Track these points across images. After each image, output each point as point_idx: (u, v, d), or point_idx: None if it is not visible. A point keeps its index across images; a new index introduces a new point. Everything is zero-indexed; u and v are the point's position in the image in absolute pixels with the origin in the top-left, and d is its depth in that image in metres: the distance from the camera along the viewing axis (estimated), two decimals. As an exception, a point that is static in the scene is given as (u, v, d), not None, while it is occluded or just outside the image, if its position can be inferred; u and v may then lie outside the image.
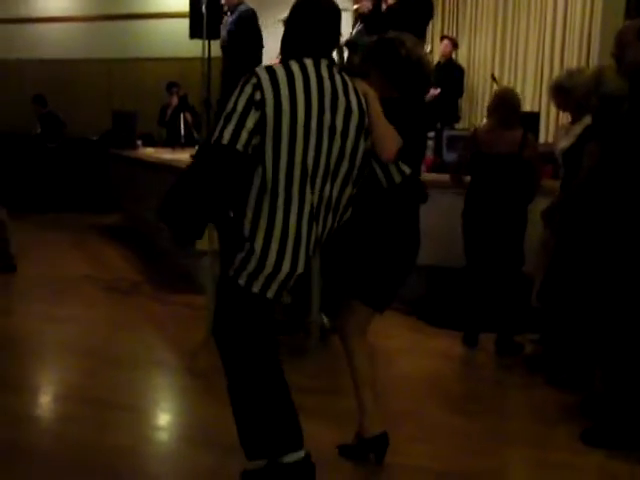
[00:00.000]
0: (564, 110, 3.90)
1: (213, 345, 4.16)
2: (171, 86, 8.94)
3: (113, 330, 4.38)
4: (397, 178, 2.42)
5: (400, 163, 2.40)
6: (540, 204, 3.82)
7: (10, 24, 10.72)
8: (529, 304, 3.92)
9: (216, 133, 2.11)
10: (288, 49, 2.25)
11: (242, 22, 6.29)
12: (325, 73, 2.19)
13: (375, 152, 2.33)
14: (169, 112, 8.89)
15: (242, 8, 6.35)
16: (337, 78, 2.21)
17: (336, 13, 2.27)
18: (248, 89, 2.10)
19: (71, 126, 10.00)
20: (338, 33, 2.33)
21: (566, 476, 2.69)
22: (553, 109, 7.74)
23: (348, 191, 2.28)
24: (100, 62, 10.38)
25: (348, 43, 5.95)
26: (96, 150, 9.23)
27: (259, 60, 6.43)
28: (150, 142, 8.76)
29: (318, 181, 2.17)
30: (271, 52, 7.06)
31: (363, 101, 2.25)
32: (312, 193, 2.17)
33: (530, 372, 3.68)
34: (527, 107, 7.83)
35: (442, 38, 7.87)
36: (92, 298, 5.09)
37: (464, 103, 8.11)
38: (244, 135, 2.08)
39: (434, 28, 8.53)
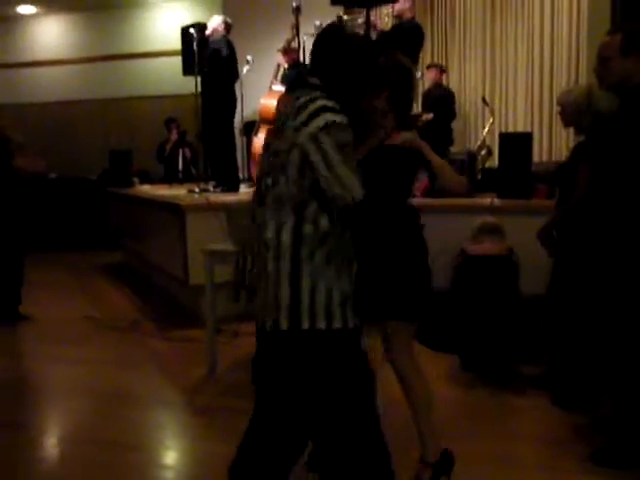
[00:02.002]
0: (566, 126, 3.86)
1: (215, 381, 4.18)
2: (170, 122, 8.97)
3: (116, 369, 4.36)
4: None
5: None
6: (537, 224, 3.83)
7: (9, 69, 10.89)
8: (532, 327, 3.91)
9: None
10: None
11: (218, 53, 6.39)
12: (303, 99, 2.01)
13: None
14: (168, 148, 8.92)
15: (218, 38, 6.46)
16: (303, 103, 1.99)
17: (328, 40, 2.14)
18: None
19: (70, 166, 10.10)
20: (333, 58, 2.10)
21: (577, 498, 2.66)
22: (545, 129, 7.81)
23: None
24: (96, 102, 10.51)
25: None
26: (95, 189, 9.29)
27: (232, 91, 6.52)
28: (147, 179, 8.81)
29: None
30: (264, 80, 7.22)
31: (305, 136, 1.96)
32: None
33: (534, 391, 3.66)
34: (519, 128, 7.89)
35: (429, 67, 7.95)
36: (93, 338, 5.08)
37: (457, 127, 8.16)
38: None
39: (424, 54, 8.63)
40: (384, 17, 6.46)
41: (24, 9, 10.52)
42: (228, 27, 6.58)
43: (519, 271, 3.97)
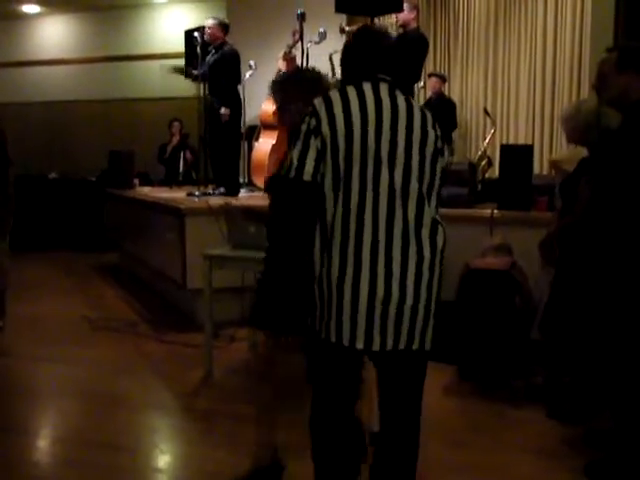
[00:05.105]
0: (569, 142, 3.87)
1: (211, 385, 4.17)
2: (173, 121, 8.90)
3: (111, 371, 4.35)
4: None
5: None
6: (537, 236, 3.84)
7: (12, 68, 10.91)
8: (528, 337, 3.92)
9: (286, 167, 2.10)
10: (346, 77, 2.28)
11: (225, 61, 6.38)
12: (384, 93, 2.13)
13: None
14: (169, 149, 8.90)
15: (226, 48, 6.45)
16: (399, 99, 2.14)
17: (384, 40, 2.27)
18: (306, 120, 2.11)
19: (71, 166, 10.10)
20: (390, 58, 2.24)
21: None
22: (546, 141, 7.82)
23: (427, 212, 2.12)
24: (98, 103, 10.52)
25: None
26: (94, 190, 9.29)
27: (238, 97, 6.53)
28: (147, 181, 8.80)
29: (382, 199, 2.07)
30: (266, 85, 7.22)
31: (430, 124, 2.16)
32: (378, 210, 2.06)
33: (530, 403, 3.67)
34: (520, 139, 7.91)
35: (430, 75, 7.97)
36: (89, 339, 5.07)
37: (458, 137, 8.19)
38: (309, 164, 2.06)
39: (427, 64, 8.65)
40: (388, 27, 6.48)
41: (29, 8, 10.54)
42: (226, 28, 6.55)
43: (520, 285, 3.99)
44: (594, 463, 2.90)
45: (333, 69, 6.85)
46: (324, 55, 6.94)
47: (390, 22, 6.46)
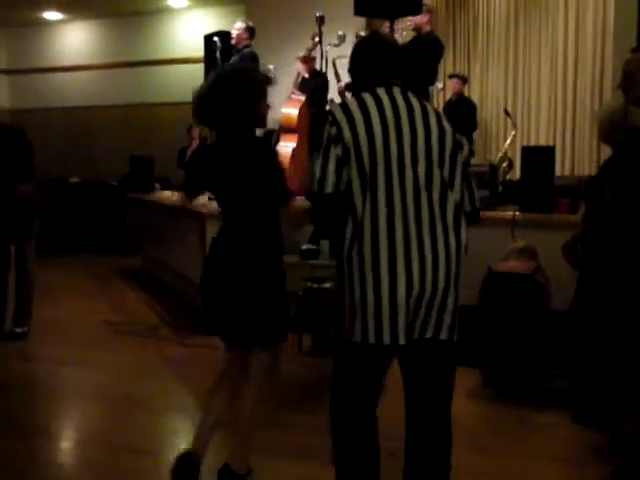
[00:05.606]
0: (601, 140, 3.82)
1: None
2: (192, 126, 8.95)
3: (133, 374, 4.37)
4: (468, 207, 2.26)
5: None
6: (559, 238, 3.79)
7: (35, 74, 11.05)
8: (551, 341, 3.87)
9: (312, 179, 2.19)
10: (357, 85, 2.32)
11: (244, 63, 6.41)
12: (399, 96, 2.18)
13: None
14: (189, 154, 8.91)
15: (246, 51, 6.48)
16: (413, 101, 2.20)
17: (394, 46, 2.36)
18: (326, 130, 2.16)
19: (92, 171, 10.18)
20: (401, 63, 2.31)
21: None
22: (568, 142, 7.75)
23: (451, 198, 2.16)
24: (119, 108, 10.60)
25: (348, 86, 6.01)
26: (116, 194, 9.36)
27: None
28: (167, 185, 8.84)
29: (409, 194, 2.10)
30: (284, 89, 7.23)
31: (445, 121, 2.22)
32: (406, 204, 2.09)
33: (555, 407, 3.62)
34: (542, 140, 7.85)
35: (450, 77, 7.94)
36: (111, 342, 5.10)
37: (478, 138, 8.13)
38: (330, 176, 2.12)
39: (446, 65, 8.62)
40: (402, 31, 6.47)
41: (50, 15, 10.65)
42: (252, 32, 6.61)
43: (543, 290, 3.94)
44: (621, 470, 2.85)
45: (337, 74, 6.83)
46: (344, 58, 6.92)
47: (404, 26, 6.44)
